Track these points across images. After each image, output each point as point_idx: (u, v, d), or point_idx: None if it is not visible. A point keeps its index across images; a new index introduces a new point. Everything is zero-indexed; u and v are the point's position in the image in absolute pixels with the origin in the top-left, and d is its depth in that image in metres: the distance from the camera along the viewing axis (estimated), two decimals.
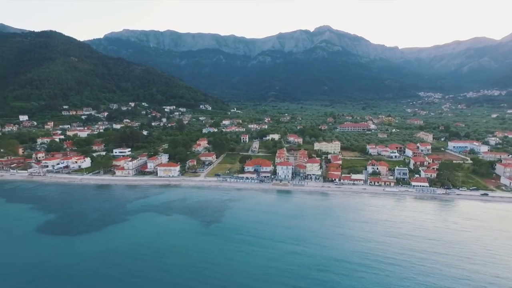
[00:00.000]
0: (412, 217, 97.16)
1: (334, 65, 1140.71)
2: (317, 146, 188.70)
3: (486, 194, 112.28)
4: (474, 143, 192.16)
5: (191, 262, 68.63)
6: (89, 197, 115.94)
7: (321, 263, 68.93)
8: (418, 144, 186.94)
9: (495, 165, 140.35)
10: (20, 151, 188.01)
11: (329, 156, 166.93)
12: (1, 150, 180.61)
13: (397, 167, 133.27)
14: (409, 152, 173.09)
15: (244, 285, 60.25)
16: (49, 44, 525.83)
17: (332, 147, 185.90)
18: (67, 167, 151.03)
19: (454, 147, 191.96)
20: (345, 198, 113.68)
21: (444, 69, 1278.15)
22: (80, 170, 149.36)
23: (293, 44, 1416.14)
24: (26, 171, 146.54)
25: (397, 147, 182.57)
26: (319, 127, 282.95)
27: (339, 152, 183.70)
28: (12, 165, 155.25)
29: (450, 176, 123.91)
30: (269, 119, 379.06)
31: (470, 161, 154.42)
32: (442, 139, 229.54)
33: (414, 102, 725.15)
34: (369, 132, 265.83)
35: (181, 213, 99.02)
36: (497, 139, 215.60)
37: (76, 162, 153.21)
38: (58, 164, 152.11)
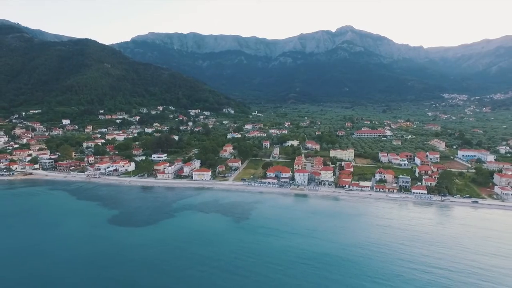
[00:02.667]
0: (405, 217, 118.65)
1: (355, 66, 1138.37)
2: (332, 153, 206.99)
3: (476, 202, 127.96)
4: (483, 152, 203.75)
5: (227, 247, 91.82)
6: (139, 197, 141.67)
7: (325, 249, 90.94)
8: (427, 153, 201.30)
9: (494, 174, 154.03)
10: (73, 154, 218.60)
11: (343, 164, 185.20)
12: (59, 154, 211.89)
13: (400, 176, 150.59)
14: (418, 161, 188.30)
15: (267, 262, 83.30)
16: (85, 51, 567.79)
17: (346, 155, 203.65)
18: (116, 170, 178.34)
19: (463, 155, 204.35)
20: (352, 202, 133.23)
21: (471, 69, 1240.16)
22: (127, 173, 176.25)
23: (314, 45, 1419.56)
24: (83, 173, 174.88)
25: (407, 156, 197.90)
26: (337, 133, 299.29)
27: (353, 159, 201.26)
28: (71, 168, 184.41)
29: (448, 185, 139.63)
30: (289, 123, 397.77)
31: (473, 170, 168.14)
32: (455, 147, 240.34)
33: (437, 105, 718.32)
34: (385, 138, 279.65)
35: (215, 211, 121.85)
36: (508, 147, 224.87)
37: (123, 166, 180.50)
38: (109, 167, 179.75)
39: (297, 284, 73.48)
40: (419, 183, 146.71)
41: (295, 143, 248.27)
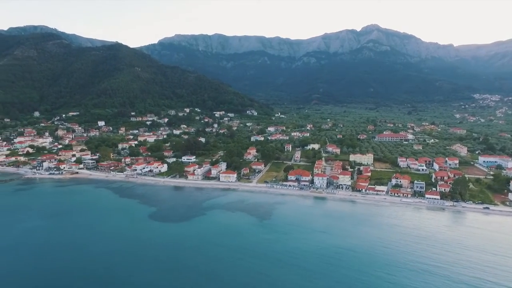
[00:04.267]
0: (415, 220, 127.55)
1: (381, 65, 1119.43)
2: (352, 157, 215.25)
3: (488, 208, 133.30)
4: (504, 158, 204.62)
5: (252, 241, 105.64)
6: (173, 196, 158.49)
7: (337, 244, 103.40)
8: (447, 159, 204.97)
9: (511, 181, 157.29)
10: (111, 155, 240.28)
11: (361, 168, 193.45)
12: (99, 155, 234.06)
13: (415, 181, 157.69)
14: (436, 166, 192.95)
15: (284, 255, 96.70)
16: (117, 56, 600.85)
17: (366, 159, 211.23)
18: (151, 171, 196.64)
19: (484, 161, 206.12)
20: (366, 205, 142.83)
21: (505, 68, 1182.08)
22: (160, 174, 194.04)
23: (339, 45, 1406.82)
24: (122, 173, 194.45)
25: (425, 161, 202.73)
26: (358, 136, 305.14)
27: (372, 163, 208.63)
28: (111, 168, 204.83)
29: (462, 191, 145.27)
30: (311, 125, 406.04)
31: (491, 177, 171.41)
32: (477, 152, 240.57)
33: (466, 106, 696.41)
34: (406, 142, 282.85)
35: (241, 211, 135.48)
36: None
37: (157, 167, 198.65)
38: (144, 168, 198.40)
39: (310, 269, 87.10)
40: (433, 189, 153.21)
41: (316, 146, 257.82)
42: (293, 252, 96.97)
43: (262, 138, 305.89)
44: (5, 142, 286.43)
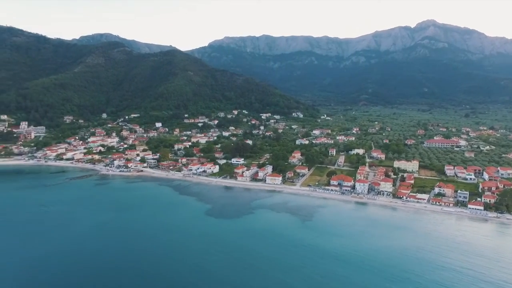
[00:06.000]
0: (453, 228, 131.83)
1: (437, 64, 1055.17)
2: (396, 164, 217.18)
3: None
4: None
5: (294, 240, 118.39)
6: (224, 195, 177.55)
7: (371, 247, 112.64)
8: (499, 168, 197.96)
9: None
10: (169, 156, 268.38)
11: (405, 175, 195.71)
12: (159, 155, 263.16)
13: (459, 191, 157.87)
14: (486, 176, 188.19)
15: (324, 252, 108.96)
16: (172, 61, 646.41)
17: (410, 166, 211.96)
18: (204, 171, 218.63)
19: None
20: (406, 212, 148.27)
21: None
22: (213, 174, 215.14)
23: (391, 43, 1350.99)
24: (180, 173, 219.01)
25: (475, 170, 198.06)
26: (405, 142, 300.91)
27: (417, 171, 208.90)
28: (170, 168, 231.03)
29: (509, 202, 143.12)
30: (357, 129, 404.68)
31: None
32: None
33: None
34: (457, 149, 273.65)
35: (285, 212, 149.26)
36: None
37: (210, 168, 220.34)
38: (198, 168, 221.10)
39: (339, 271, 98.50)
40: (478, 199, 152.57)
41: (360, 151, 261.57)
42: (329, 252, 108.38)
43: (307, 142, 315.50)
44: (81, 141, 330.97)
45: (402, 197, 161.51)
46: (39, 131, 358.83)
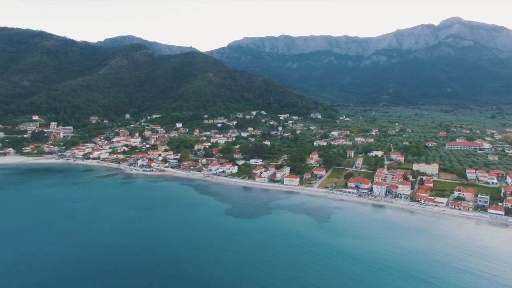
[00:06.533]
0: (471, 232, 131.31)
1: (461, 63, 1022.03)
2: (415, 166, 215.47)
3: None
4: None
5: (310, 240, 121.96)
6: (243, 195, 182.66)
7: (387, 249, 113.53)
8: None
9: None
10: (190, 156, 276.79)
11: (424, 178, 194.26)
12: (180, 155, 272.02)
13: (479, 195, 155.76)
14: (510, 180, 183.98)
15: (339, 252, 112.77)
16: (192, 63, 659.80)
17: (430, 169, 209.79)
18: (223, 172, 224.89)
19: None
20: (423, 215, 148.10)
21: None
22: (231, 175, 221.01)
23: (413, 41, 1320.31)
24: (200, 173, 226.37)
25: (498, 174, 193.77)
26: (426, 144, 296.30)
27: (436, 174, 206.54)
28: (190, 168, 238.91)
29: None
30: (377, 130, 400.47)
31: None
32: None
33: None
34: (481, 152, 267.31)
35: (302, 212, 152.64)
36: None
37: (229, 168, 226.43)
38: (218, 169, 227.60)
39: (355, 271, 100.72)
40: (500, 204, 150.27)
41: (379, 153, 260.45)
42: (344, 251, 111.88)
43: (325, 143, 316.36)
44: (106, 141, 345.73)
45: (420, 200, 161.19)
46: (67, 131, 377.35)
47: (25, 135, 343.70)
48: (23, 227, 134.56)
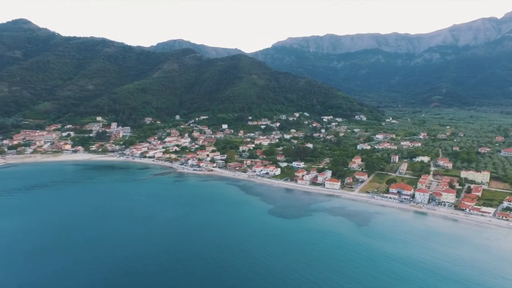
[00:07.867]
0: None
1: None
2: (463, 174, 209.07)
3: None
4: None
5: (349, 242, 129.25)
6: (285, 197, 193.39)
7: (422, 256, 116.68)
8: None
9: None
10: (235, 157, 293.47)
11: (472, 186, 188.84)
12: (227, 156, 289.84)
13: None
14: None
15: (377, 253, 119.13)
16: (238, 65, 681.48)
17: (480, 177, 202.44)
18: (267, 173, 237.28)
19: None
20: (467, 225, 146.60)
21: None
22: (274, 176, 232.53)
23: (471, 37, 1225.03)
24: (245, 174, 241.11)
25: None
26: (478, 150, 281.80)
27: (487, 182, 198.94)
28: (236, 168, 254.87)
29: None
30: (425, 134, 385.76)
31: None
32: None
33: None
34: None
35: (342, 216, 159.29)
36: None
37: (272, 170, 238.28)
38: (262, 170, 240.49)
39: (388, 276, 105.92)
40: None
41: (425, 159, 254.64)
42: (382, 253, 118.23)
43: (369, 147, 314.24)
44: (159, 141, 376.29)
45: (465, 209, 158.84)
46: (126, 131, 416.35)
47: (90, 135, 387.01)
48: (109, 213, 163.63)
